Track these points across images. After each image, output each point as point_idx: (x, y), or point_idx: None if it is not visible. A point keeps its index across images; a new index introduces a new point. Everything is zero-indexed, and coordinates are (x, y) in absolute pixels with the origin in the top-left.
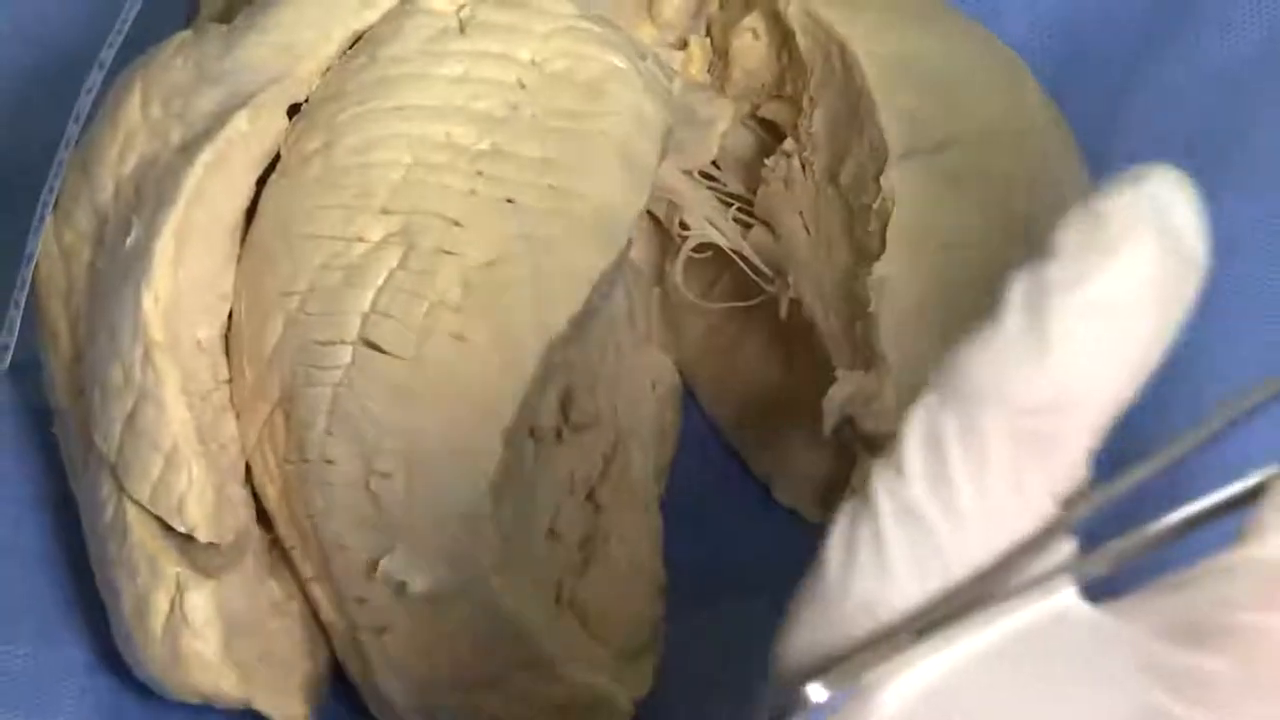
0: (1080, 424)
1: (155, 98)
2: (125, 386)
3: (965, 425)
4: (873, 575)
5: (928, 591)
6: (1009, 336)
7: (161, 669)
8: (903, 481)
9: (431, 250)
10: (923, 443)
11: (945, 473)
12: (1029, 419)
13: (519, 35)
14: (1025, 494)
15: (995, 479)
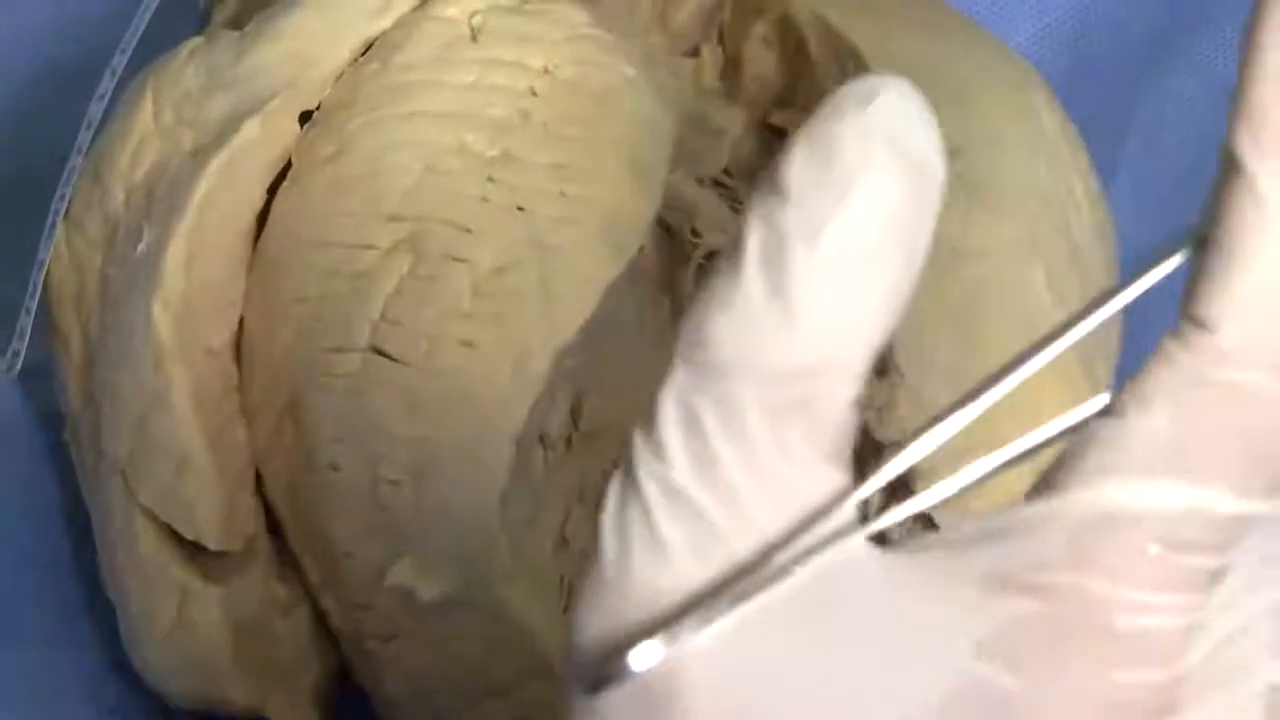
0: (839, 379)
1: (167, 104)
2: (135, 393)
3: (719, 401)
4: (650, 562)
5: (710, 573)
6: (752, 301)
7: (170, 675)
8: (665, 465)
9: (441, 257)
10: (679, 423)
11: (707, 452)
12: (784, 387)
13: (531, 43)
14: (794, 460)
15: (760, 452)
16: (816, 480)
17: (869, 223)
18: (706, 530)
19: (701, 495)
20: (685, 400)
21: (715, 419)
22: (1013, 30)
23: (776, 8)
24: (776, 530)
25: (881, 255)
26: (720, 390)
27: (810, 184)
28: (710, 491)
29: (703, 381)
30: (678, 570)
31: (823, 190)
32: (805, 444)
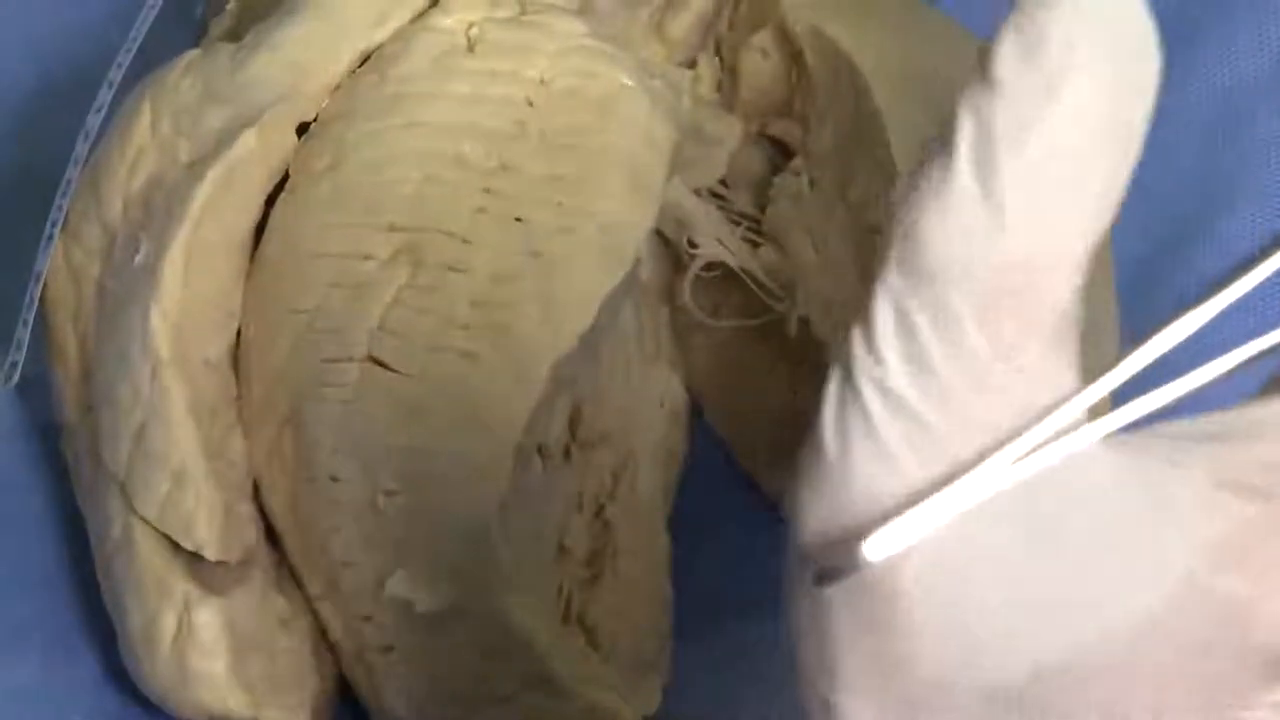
0: (1056, 280)
1: (164, 116)
2: (133, 404)
3: (935, 307)
4: (872, 462)
5: (933, 473)
6: (965, 203)
7: (169, 687)
8: (883, 369)
9: (440, 267)
10: (895, 330)
11: (924, 358)
12: (1001, 291)
13: (528, 54)
14: (1014, 362)
15: (978, 357)
16: (1038, 380)
17: (1079, 122)
18: (927, 433)
19: (921, 401)
20: (900, 303)
21: (930, 324)
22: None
23: (773, 19)
24: (998, 431)
25: (1093, 153)
26: (934, 294)
27: (1019, 77)
28: (929, 397)
29: (916, 285)
30: (901, 469)
31: (1032, 85)
32: (1024, 344)
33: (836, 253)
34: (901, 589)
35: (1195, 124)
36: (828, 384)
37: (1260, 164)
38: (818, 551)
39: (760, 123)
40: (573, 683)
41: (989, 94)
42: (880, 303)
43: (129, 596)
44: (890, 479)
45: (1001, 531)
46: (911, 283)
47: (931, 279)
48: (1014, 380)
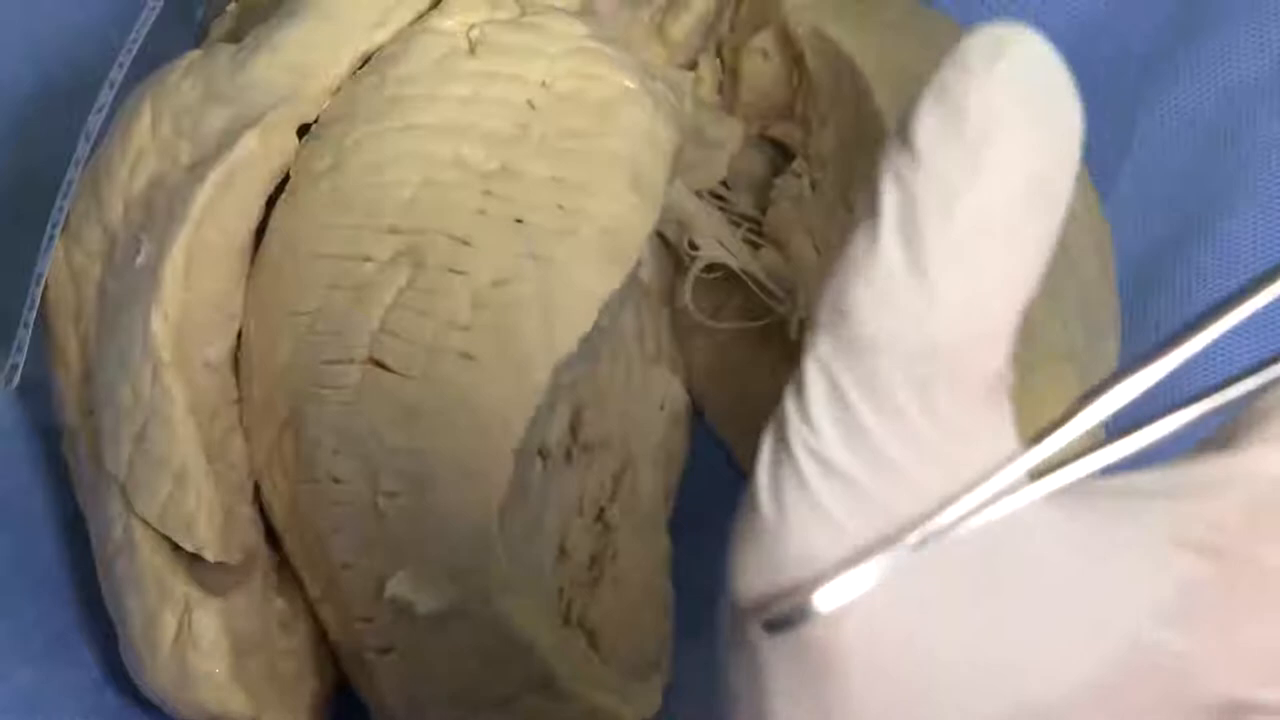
0: (986, 349)
1: (165, 117)
2: (134, 406)
3: (864, 377)
4: (808, 525)
5: (871, 534)
6: (892, 275)
7: (169, 688)
8: (818, 437)
9: (440, 269)
10: (827, 397)
11: (857, 426)
12: (930, 362)
13: (529, 56)
14: (950, 428)
15: (912, 424)
16: (974, 443)
17: (1006, 192)
18: (863, 497)
19: (855, 466)
20: (830, 373)
21: (861, 395)
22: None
23: (774, 21)
24: (935, 494)
25: (1021, 221)
26: (865, 366)
27: (940, 146)
28: (864, 462)
29: (846, 356)
30: (838, 530)
31: (954, 154)
32: (959, 410)
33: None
34: (843, 647)
35: (1196, 125)
36: (761, 445)
37: (1261, 165)
38: (755, 610)
39: (761, 125)
40: (573, 685)
41: (912, 165)
42: (811, 370)
43: (130, 598)
44: (828, 539)
45: (942, 593)
46: (842, 352)
47: (861, 350)
48: (949, 444)
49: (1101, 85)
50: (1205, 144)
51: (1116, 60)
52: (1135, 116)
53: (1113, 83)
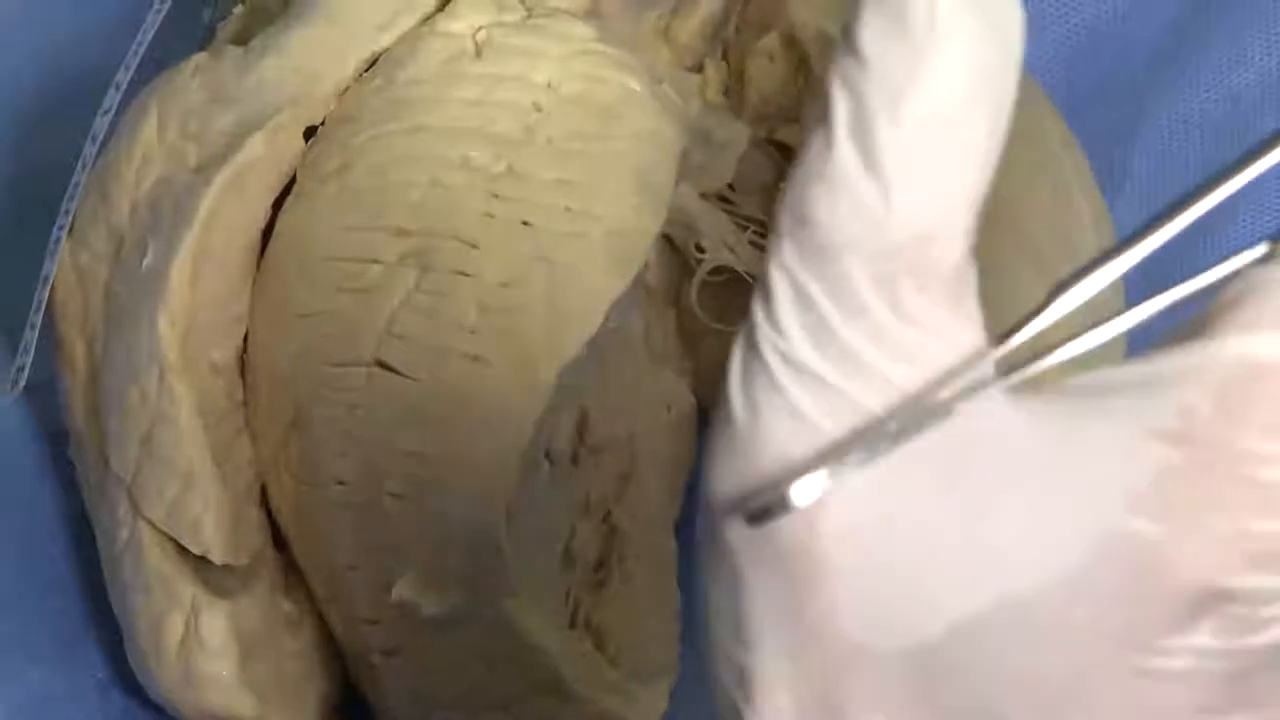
0: (945, 241)
1: (172, 119)
2: (141, 408)
3: (829, 279)
4: (781, 423)
5: (843, 432)
6: (847, 176)
7: (176, 690)
8: (787, 341)
9: (447, 272)
10: (793, 301)
11: (824, 327)
12: (891, 258)
13: (535, 58)
14: (916, 322)
15: (879, 321)
16: (939, 337)
17: (948, 88)
18: (835, 395)
19: (824, 365)
20: (795, 278)
21: (827, 296)
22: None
23: (781, 23)
24: (902, 387)
25: (969, 114)
26: (828, 268)
27: (884, 47)
28: (832, 360)
29: (809, 259)
30: (810, 428)
31: (897, 54)
32: (924, 305)
33: None
34: (819, 543)
35: (1201, 129)
36: (732, 352)
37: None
38: (732, 509)
39: (768, 127)
40: (580, 687)
41: (859, 68)
42: (776, 276)
43: (136, 599)
44: (801, 437)
45: (915, 487)
46: (805, 256)
47: (822, 252)
48: (914, 339)
49: (1108, 88)
50: (1209, 148)
51: (1123, 64)
52: (1140, 120)
53: (1119, 86)
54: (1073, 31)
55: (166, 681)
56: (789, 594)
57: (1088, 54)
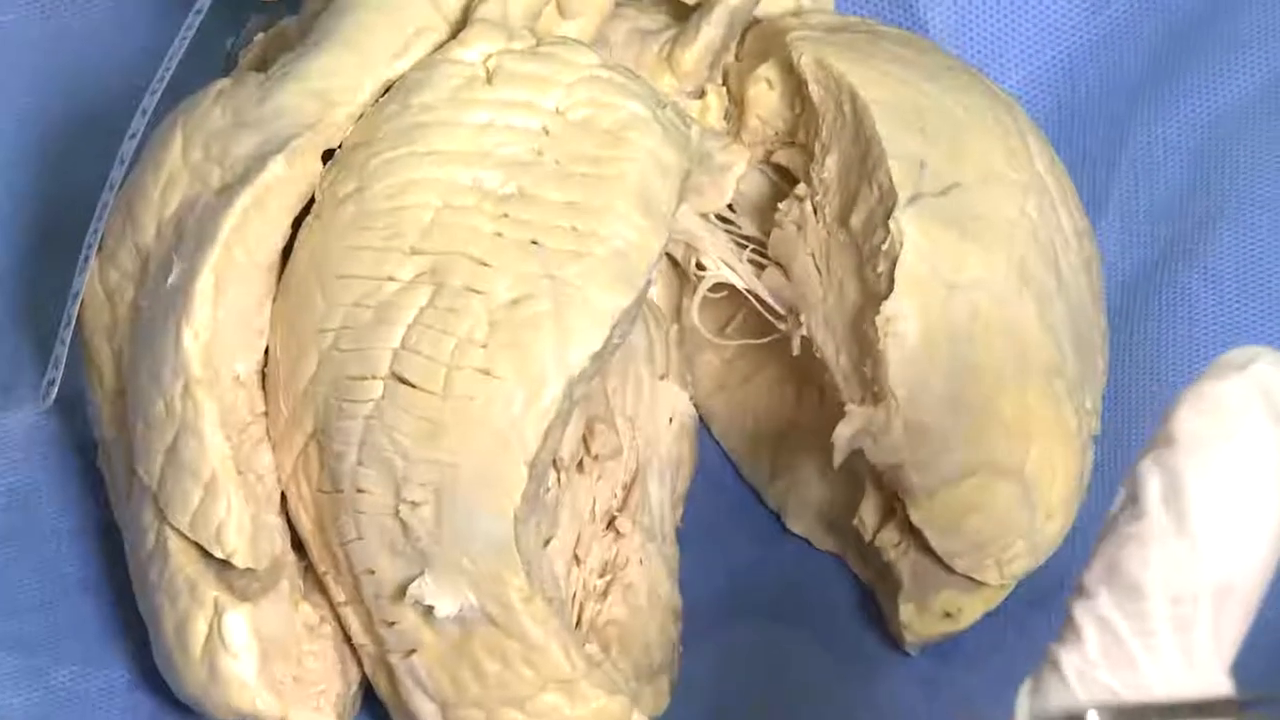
0: (1237, 598)
1: (195, 142)
2: (166, 419)
3: (1135, 618)
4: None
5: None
6: (1160, 533)
7: (201, 689)
8: (1090, 665)
9: (459, 289)
10: (1099, 631)
11: (1124, 655)
12: (1191, 603)
13: (544, 84)
14: (1196, 666)
15: (1168, 658)
16: (1208, 684)
17: (1252, 465)
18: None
19: (1120, 686)
20: (1106, 617)
21: (1131, 631)
22: (1005, 74)
23: (778, 51)
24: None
25: (1267, 486)
26: (1137, 608)
27: (1199, 431)
28: (1127, 686)
29: (1121, 604)
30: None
31: (1211, 434)
32: (1207, 651)
33: (839, 275)
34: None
35: (1180, 152)
36: (1030, 677)
37: (1241, 191)
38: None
39: (766, 151)
40: (586, 684)
41: (1171, 448)
42: (1085, 616)
43: (162, 603)
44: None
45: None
46: (1118, 599)
47: (1136, 595)
48: (1191, 680)
49: (1090, 115)
50: (1189, 171)
51: (1104, 91)
52: (1122, 145)
53: (1100, 112)
54: (1058, 59)
55: (192, 681)
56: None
57: (1069, 83)
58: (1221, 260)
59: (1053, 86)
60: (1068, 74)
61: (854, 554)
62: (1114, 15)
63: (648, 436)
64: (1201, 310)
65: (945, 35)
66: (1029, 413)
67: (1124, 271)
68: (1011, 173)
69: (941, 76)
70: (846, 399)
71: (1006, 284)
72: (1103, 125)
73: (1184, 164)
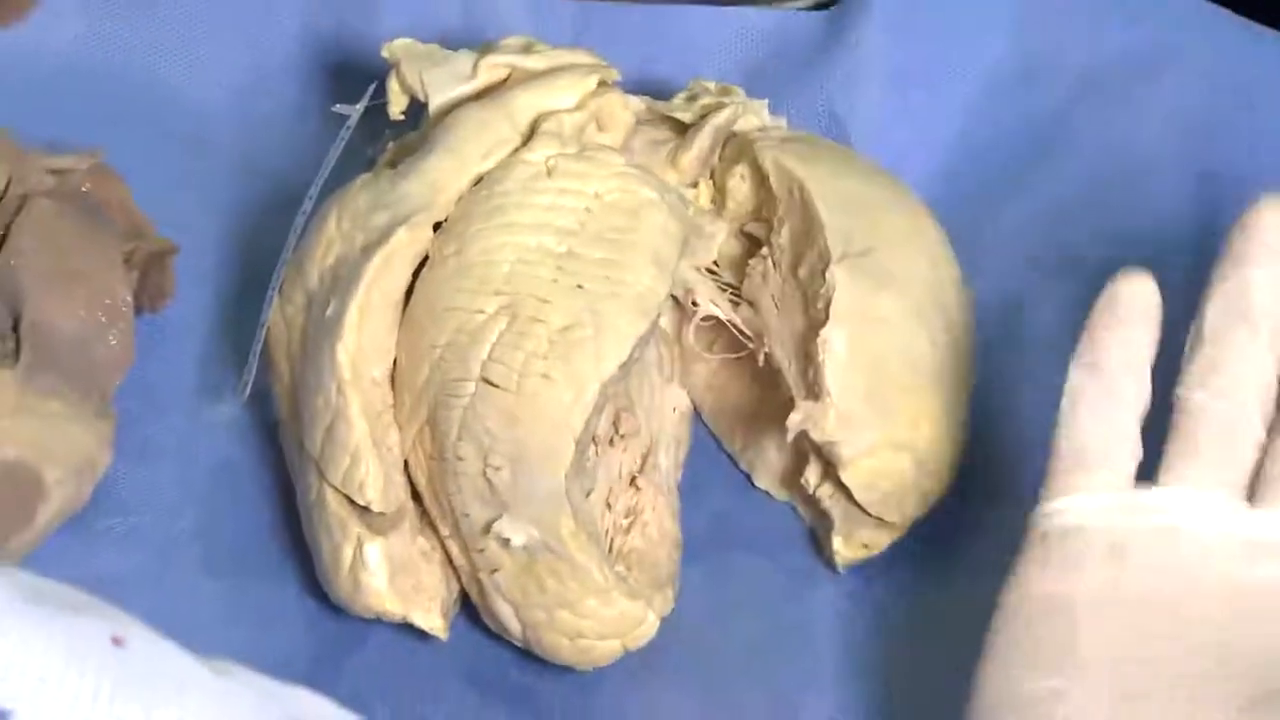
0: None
1: (346, 217)
2: (325, 409)
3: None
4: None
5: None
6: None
7: (347, 595)
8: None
9: (528, 319)
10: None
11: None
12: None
13: (586, 178)
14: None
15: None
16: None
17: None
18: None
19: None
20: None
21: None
22: (909, 170)
23: (749, 155)
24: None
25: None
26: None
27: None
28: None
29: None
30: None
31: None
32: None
33: (790, 310)
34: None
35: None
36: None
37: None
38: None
39: (740, 224)
40: (615, 594)
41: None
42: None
43: (321, 536)
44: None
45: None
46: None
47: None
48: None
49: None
50: (1036, 248)
51: (976, 184)
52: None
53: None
54: (941, 160)
55: (342, 590)
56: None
57: (951, 175)
58: (1060, 301)
59: (940, 179)
60: (951, 170)
61: (801, 502)
62: (986, 135)
63: (658, 421)
64: (1043, 338)
65: (865, 146)
66: (921, 406)
67: (990, 309)
68: (912, 241)
69: (863, 173)
70: (796, 396)
71: (907, 318)
72: (977, 206)
73: (1035, 234)
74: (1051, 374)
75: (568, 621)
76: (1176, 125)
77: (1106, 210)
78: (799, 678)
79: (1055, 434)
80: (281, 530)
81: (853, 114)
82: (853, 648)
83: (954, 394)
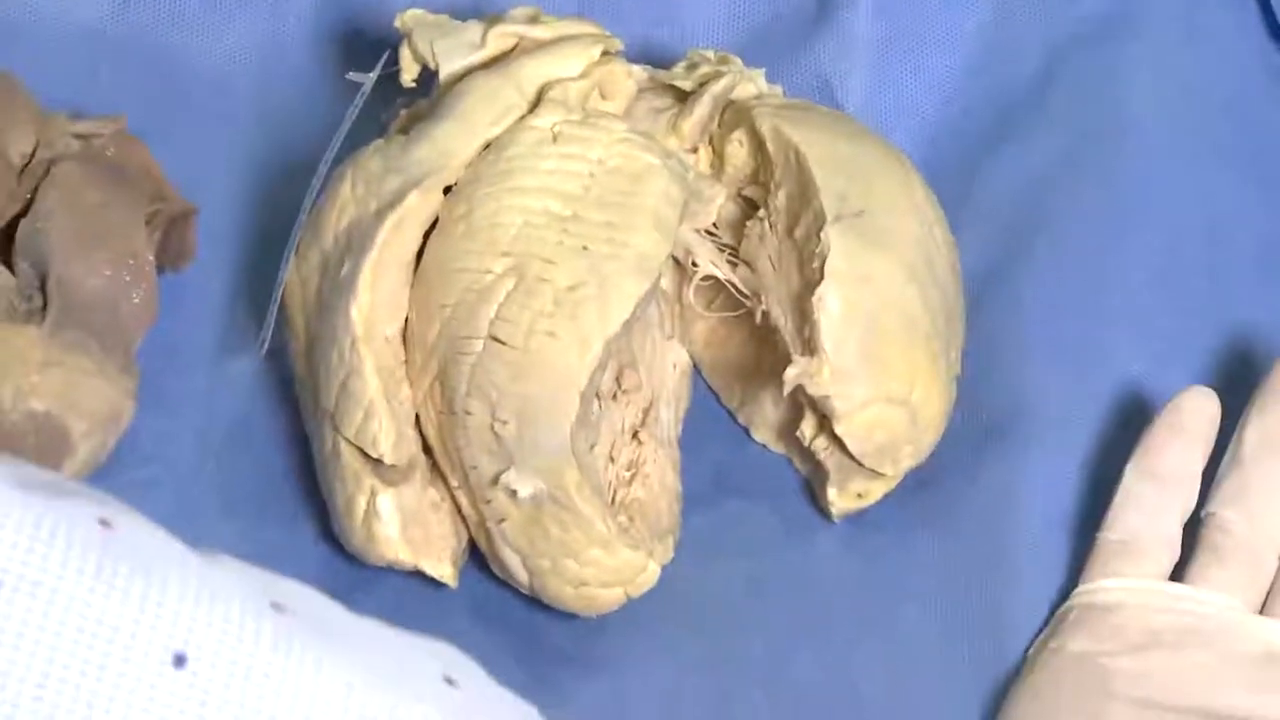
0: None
1: (360, 181)
2: (339, 364)
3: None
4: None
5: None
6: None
7: (361, 544)
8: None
9: (534, 278)
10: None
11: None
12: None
13: (590, 143)
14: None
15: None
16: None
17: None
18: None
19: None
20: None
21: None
22: (896, 135)
23: (746, 121)
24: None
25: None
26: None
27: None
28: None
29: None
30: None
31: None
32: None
33: (787, 270)
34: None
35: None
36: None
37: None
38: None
39: (738, 188)
40: (617, 541)
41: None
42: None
43: (336, 486)
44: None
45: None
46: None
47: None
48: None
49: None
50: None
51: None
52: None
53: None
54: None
55: (356, 540)
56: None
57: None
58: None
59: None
60: (937, 133)
61: (797, 454)
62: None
63: (659, 377)
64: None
65: (856, 111)
66: (913, 362)
67: (975, 269)
68: (903, 203)
69: (855, 137)
70: (792, 352)
71: (899, 277)
72: (961, 169)
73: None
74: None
75: (572, 570)
76: (1155, 90)
77: (1086, 176)
78: (795, 623)
79: (1104, 524)
80: (297, 480)
81: (844, 83)
82: (847, 594)
83: (944, 350)
